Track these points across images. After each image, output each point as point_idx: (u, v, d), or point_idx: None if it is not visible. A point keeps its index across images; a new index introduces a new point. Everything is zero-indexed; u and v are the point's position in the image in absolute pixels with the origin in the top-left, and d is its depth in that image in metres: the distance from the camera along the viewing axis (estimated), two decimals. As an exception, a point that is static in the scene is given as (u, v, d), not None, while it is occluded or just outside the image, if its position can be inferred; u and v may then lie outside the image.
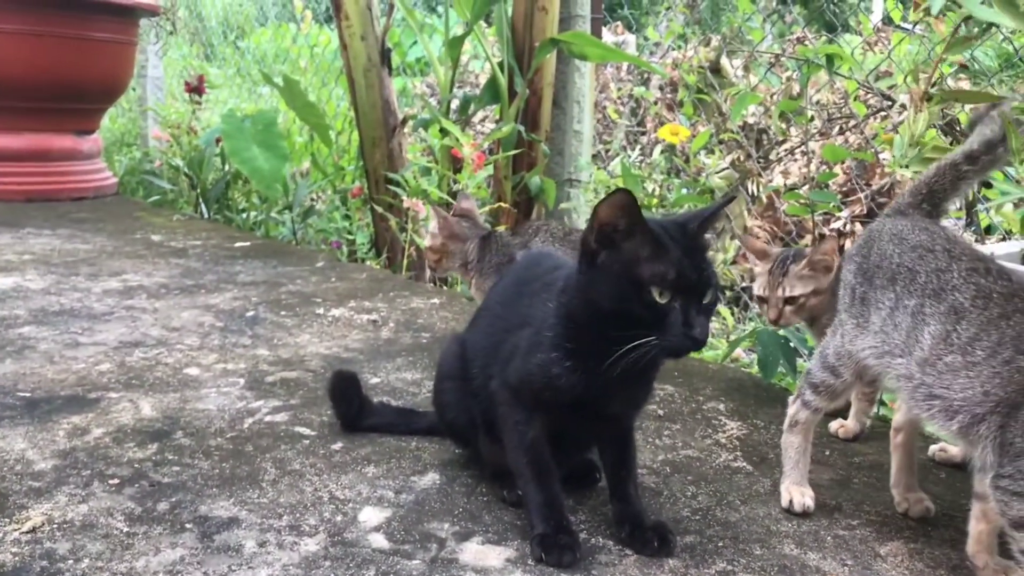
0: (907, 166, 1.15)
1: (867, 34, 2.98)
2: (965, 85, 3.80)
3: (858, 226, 3.17)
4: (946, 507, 1.28)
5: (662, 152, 3.20)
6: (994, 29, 1.51)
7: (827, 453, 1.49)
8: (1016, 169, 1.07)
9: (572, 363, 1.08)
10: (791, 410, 1.27)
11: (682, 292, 1.00)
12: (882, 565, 1.13)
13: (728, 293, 3.02)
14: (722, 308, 2.77)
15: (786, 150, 3.78)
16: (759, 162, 3.57)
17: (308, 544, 1.12)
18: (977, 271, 1.03)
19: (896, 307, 1.07)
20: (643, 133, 4.53)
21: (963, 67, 1.15)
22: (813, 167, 3.35)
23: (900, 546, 1.18)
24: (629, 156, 4.24)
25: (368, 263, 3.28)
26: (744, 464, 1.43)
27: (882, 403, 1.70)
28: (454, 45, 3.19)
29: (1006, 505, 0.94)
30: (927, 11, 1.22)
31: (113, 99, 4.27)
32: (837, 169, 3.66)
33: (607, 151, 4.31)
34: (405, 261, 3.03)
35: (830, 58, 1.78)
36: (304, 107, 3.42)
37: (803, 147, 2.90)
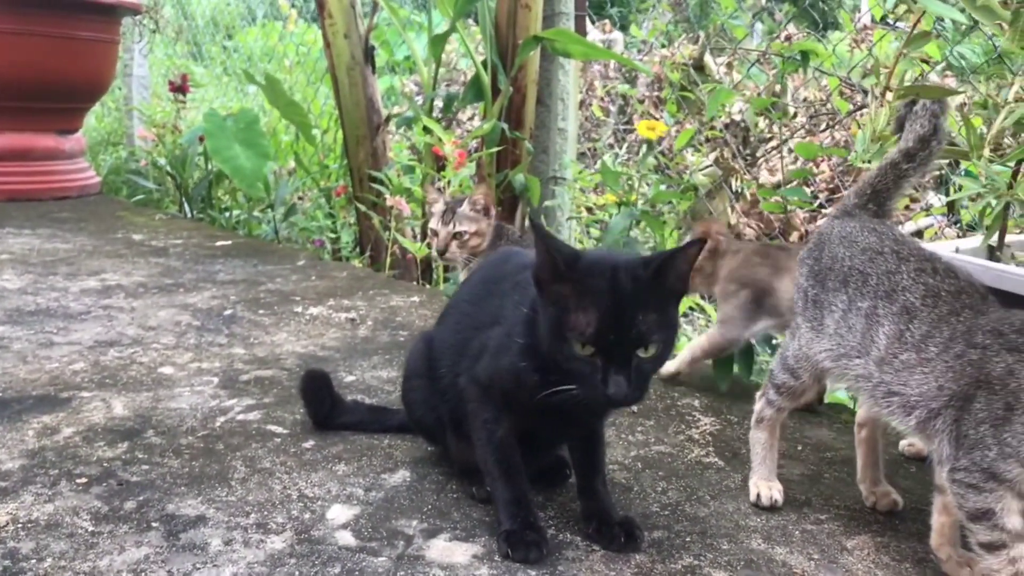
0: (869, 161, 1.16)
1: (848, 30, 2.99)
2: (951, 82, 3.81)
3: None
4: (915, 500, 1.29)
5: (649, 149, 3.21)
6: (966, 26, 1.51)
7: (799, 448, 1.50)
8: (974, 164, 1.07)
9: (541, 376, 1.05)
10: (757, 407, 1.28)
11: (603, 347, 0.97)
12: (848, 559, 1.14)
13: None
14: (707, 306, 2.78)
15: (773, 147, 3.79)
16: (746, 159, 3.58)
17: (274, 542, 1.12)
18: (925, 271, 1.05)
19: (849, 309, 1.09)
20: (630, 131, 4.54)
21: (924, 62, 1.16)
22: (799, 164, 3.36)
23: (867, 540, 1.19)
24: (617, 154, 4.25)
25: (352, 262, 3.28)
26: (716, 460, 1.43)
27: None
28: (437, 43, 3.18)
29: (962, 498, 0.95)
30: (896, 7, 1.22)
31: (96, 98, 4.24)
32: (824, 166, 3.65)
33: (592, 150, 4.31)
34: (388, 259, 3.02)
35: (805, 54, 1.79)
36: (287, 106, 3.41)
37: (786, 144, 2.91)
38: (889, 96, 1.21)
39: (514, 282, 1.17)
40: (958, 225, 2.83)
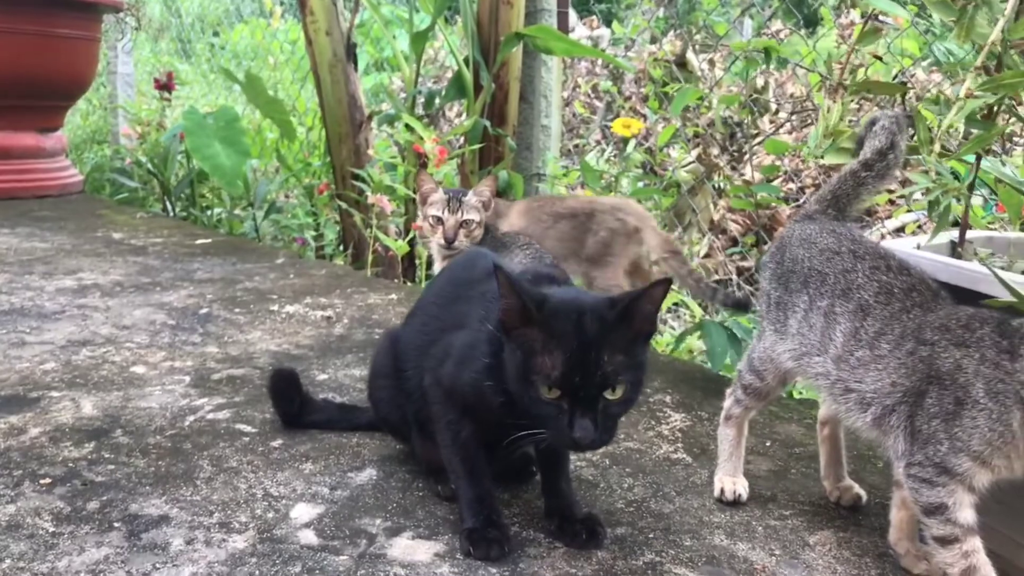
0: (822, 156, 1.16)
1: (828, 27, 3.00)
2: (936, 78, 3.82)
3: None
4: (880, 496, 1.29)
5: (635, 147, 3.21)
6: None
7: (767, 444, 1.50)
8: (924, 160, 1.08)
9: (505, 398, 1.05)
10: (726, 404, 1.29)
11: (569, 390, 0.96)
12: (809, 554, 1.14)
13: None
14: (690, 301, 2.78)
15: (758, 142, 3.80)
16: (733, 155, 3.58)
17: (236, 541, 1.12)
18: (879, 268, 1.06)
19: (810, 309, 1.10)
20: (616, 128, 4.53)
21: (877, 58, 1.17)
22: (784, 161, 3.37)
23: (830, 535, 1.19)
24: (603, 150, 4.25)
25: (336, 260, 3.27)
26: (684, 456, 1.43)
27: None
28: (418, 40, 3.18)
29: (916, 492, 0.96)
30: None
31: (76, 96, 4.21)
32: (810, 162, 3.66)
33: (577, 147, 4.31)
34: (371, 257, 3.02)
35: (767, 51, 1.80)
36: (268, 104, 3.40)
37: (763, 141, 2.92)
38: (846, 92, 1.22)
39: (481, 291, 1.16)
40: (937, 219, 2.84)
